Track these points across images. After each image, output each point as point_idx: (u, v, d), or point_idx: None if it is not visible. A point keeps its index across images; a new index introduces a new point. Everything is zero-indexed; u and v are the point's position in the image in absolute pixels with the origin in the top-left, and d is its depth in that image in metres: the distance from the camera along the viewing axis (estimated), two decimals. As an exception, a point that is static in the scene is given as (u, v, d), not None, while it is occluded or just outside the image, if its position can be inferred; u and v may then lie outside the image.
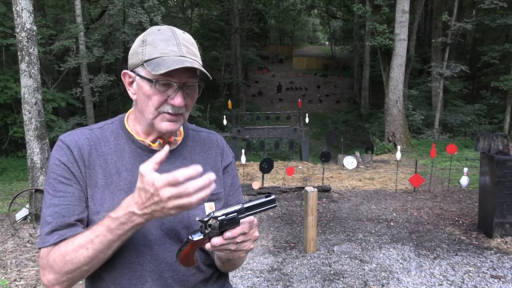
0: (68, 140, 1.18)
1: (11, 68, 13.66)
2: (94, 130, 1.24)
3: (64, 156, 1.15)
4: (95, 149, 1.19)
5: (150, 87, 1.13)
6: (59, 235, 1.08)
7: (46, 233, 1.09)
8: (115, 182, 1.16)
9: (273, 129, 12.94)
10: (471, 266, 4.44)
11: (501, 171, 4.97)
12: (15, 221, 6.36)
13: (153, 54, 1.12)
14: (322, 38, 64.03)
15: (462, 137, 16.39)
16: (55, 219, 1.09)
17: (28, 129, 6.31)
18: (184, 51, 1.13)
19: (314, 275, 4.35)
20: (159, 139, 1.22)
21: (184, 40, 1.16)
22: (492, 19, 16.61)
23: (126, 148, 1.21)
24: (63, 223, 1.09)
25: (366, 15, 16.70)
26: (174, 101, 1.13)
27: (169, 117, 1.15)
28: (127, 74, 1.20)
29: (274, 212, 6.70)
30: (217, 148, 1.36)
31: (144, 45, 1.15)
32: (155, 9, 14.34)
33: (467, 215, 6.30)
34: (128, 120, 1.27)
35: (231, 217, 1.00)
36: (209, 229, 1.01)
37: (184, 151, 1.28)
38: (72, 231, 1.09)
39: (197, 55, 1.18)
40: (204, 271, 1.25)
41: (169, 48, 1.12)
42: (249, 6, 30.84)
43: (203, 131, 1.38)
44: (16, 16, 6.15)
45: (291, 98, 29.85)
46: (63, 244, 1.06)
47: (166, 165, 1.22)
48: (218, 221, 1.00)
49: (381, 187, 8.57)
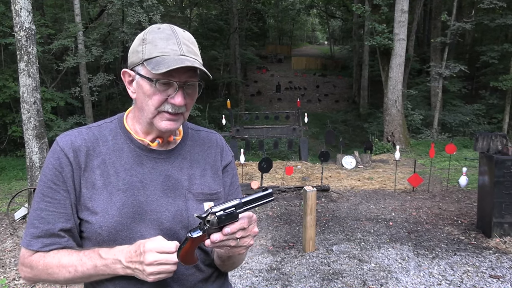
0: (63, 142, 1.17)
1: (10, 67, 13.63)
2: (92, 128, 1.24)
3: (57, 161, 1.15)
4: (92, 149, 1.18)
5: (150, 86, 1.12)
6: (43, 244, 1.13)
7: (31, 236, 1.13)
8: (113, 182, 1.16)
9: (272, 129, 12.94)
10: (470, 266, 4.44)
11: (500, 171, 4.98)
12: (13, 220, 6.35)
13: (153, 53, 1.11)
14: (321, 38, 64.03)
15: (461, 137, 16.40)
16: (41, 224, 1.13)
17: (26, 128, 6.31)
18: (185, 50, 1.12)
19: (313, 274, 4.35)
20: (158, 139, 1.22)
21: (185, 38, 1.15)
22: (491, 19, 16.63)
23: (125, 148, 1.21)
24: (48, 231, 1.13)
25: (365, 15, 16.72)
26: (174, 101, 1.12)
27: (169, 116, 1.15)
28: (127, 73, 1.19)
29: (273, 212, 6.71)
30: (217, 148, 1.35)
31: (144, 44, 1.14)
32: (154, 9, 14.33)
33: (466, 215, 6.31)
34: (127, 119, 1.26)
35: (229, 212, 1.00)
36: (208, 225, 1.01)
37: (184, 151, 1.28)
38: (55, 242, 1.13)
39: (198, 54, 1.17)
40: (203, 271, 1.25)
41: (169, 47, 1.11)
42: (248, 6, 30.83)
43: (202, 131, 1.38)
44: (15, 15, 6.14)
45: (290, 98, 29.84)
46: (49, 256, 1.12)
47: (165, 165, 1.22)
48: (217, 217, 1.00)
49: (380, 186, 8.58)
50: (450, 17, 16.04)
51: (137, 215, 1.15)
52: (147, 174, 1.19)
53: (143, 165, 1.20)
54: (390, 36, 14.76)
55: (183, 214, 1.19)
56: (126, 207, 1.14)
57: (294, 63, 39.57)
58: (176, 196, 1.20)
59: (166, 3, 27.02)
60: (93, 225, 1.13)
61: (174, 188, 1.21)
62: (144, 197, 1.17)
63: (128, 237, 1.13)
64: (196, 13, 32.50)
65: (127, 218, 1.14)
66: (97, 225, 1.13)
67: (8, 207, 6.36)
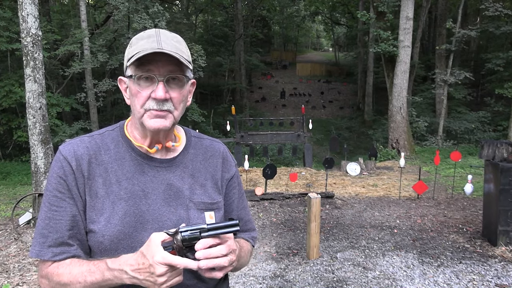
0: (66, 151, 1.18)
1: (16, 72, 13.73)
2: (95, 137, 1.24)
3: (61, 169, 1.16)
4: (95, 158, 1.19)
5: (133, 84, 1.13)
6: (53, 254, 1.13)
7: (41, 246, 1.13)
8: (115, 191, 1.16)
9: (276, 135, 12.95)
10: (475, 275, 4.40)
11: (506, 178, 4.94)
12: (18, 225, 6.36)
13: (133, 52, 1.13)
14: (326, 45, 64.17)
15: (466, 144, 16.33)
16: (50, 233, 1.13)
17: (32, 133, 6.33)
18: (164, 45, 1.11)
19: (317, 282, 4.32)
20: (157, 144, 1.21)
21: (167, 37, 1.15)
22: (496, 27, 16.63)
23: (127, 156, 1.21)
24: (57, 240, 1.14)
25: (370, 22, 16.75)
26: (155, 94, 1.12)
27: (155, 113, 1.14)
28: (122, 80, 1.22)
29: (277, 218, 6.69)
30: (219, 157, 1.34)
31: (130, 47, 1.16)
32: (160, 15, 14.42)
33: (471, 223, 6.26)
34: (127, 126, 1.27)
35: (193, 233, 1.03)
36: (175, 242, 1.03)
37: (185, 159, 1.27)
38: (65, 251, 1.14)
39: (182, 50, 1.16)
40: (206, 282, 1.23)
41: (148, 44, 1.11)
42: (253, 12, 31.00)
43: (206, 139, 1.37)
44: (21, 21, 6.19)
45: (294, 104, 29.88)
46: (62, 267, 1.12)
47: (167, 173, 1.22)
48: (181, 235, 1.03)
49: (384, 194, 8.54)
50: (455, 24, 16.05)
51: (139, 224, 1.15)
52: (148, 183, 1.19)
53: (144, 173, 1.20)
54: (395, 43, 14.76)
55: (185, 221, 1.19)
56: (128, 216, 1.14)
57: (299, 70, 39.67)
58: (178, 205, 1.20)
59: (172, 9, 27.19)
60: (96, 234, 1.14)
61: (175, 197, 1.21)
62: (146, 206, 1.17)
63: (130, 246, 1.13)
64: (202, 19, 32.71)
65: (129, 227, 1.14)
66: (99, 234, 1.13)
67: (12, 212, 6.37)
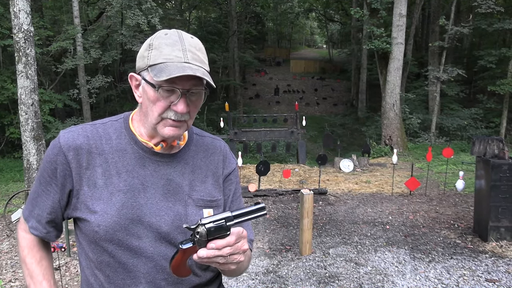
0: (65, 139, 1.18)
1: (8, 69, 13.62)
2: (97, 126, 1.24)
3: (55, 156, 1.18)
4: (95, 147, 1.19)
5: (154, 92, 1.12)
6: (32, 225, 1.25)
7: (30, 212, 1.26)
8: (115, 183, 1.16)
9: (270, 132, 12.94)
10: (466, 270, 4.45)
11: (497, 175, 5.00)
12: (10, 222, 6.33)
13: (157, 59, 1.11)
14: (320, 41, 64.12)
15: (458, 141, 16.43)
16: (36, 207, 1.24)
17: (24, 130, 6.30)
18: (189, 57, 1.11)
19: (309, 277, 4.35)
20: (162, 142, 1.22)
21: (191, 45, 1.14)
22: (489, 24, 16.72)
23: (128, 149, 1.21)
24: (38, 217, 1.24)
25: (364, 19, 16.76)
26: (176, 108, 1.12)
27: (172, 122, 1.14)
28: (134, 77, 1.19)
29: (270, 215, 6.71)
30: (220, 155, 1.35)
31: (150, 49, 1.14)
32: (153, 11, 14.35)
33: (462, 219, 6.32)
34: (133, 120, 1.26)
35: (219, 224, 0.99)
36: (198, 236, 1.00)
37: (187, 156, 1.27)
38: (39, 229, 1.25)
39: (204, 61, 1.16)
40: (199, 276, 1.24)
41: (174, 53, 1.10)
42: (247, 9, 30.90)
43: (207, 137, 1.37)
44: (13, 17, 6.15)
45: (288, 101, 29.88)
46: (30, 256, 1.27)
47: (168, 168, 1.22)
48: (206, 229, 0.99)
49: (377, 190, 8.59)
50: (448, 21, 16.10)
51: (136, 217, 1.15)
52: (148, 176, 1.19)
53: (145, 167, 1.20)
54: (388, 40, 14.80)
55: (182, 219, 1.19)
56: (125, 208, 1.14)
57: (293, 66, 39.64)
58: (176, 201, 1.20)
59: (165, 6, 27.05)
60: (91, 224, 1.14)
61: (174, 192, 1.21)
62: (144, 200, 1.17)
63: (124, 238, 1.14)
64: (195, 16, 32.54)
65: (125, 220, 1.14)
66: (95, 223, 1.13)
67: (5, 208, 6.35)
